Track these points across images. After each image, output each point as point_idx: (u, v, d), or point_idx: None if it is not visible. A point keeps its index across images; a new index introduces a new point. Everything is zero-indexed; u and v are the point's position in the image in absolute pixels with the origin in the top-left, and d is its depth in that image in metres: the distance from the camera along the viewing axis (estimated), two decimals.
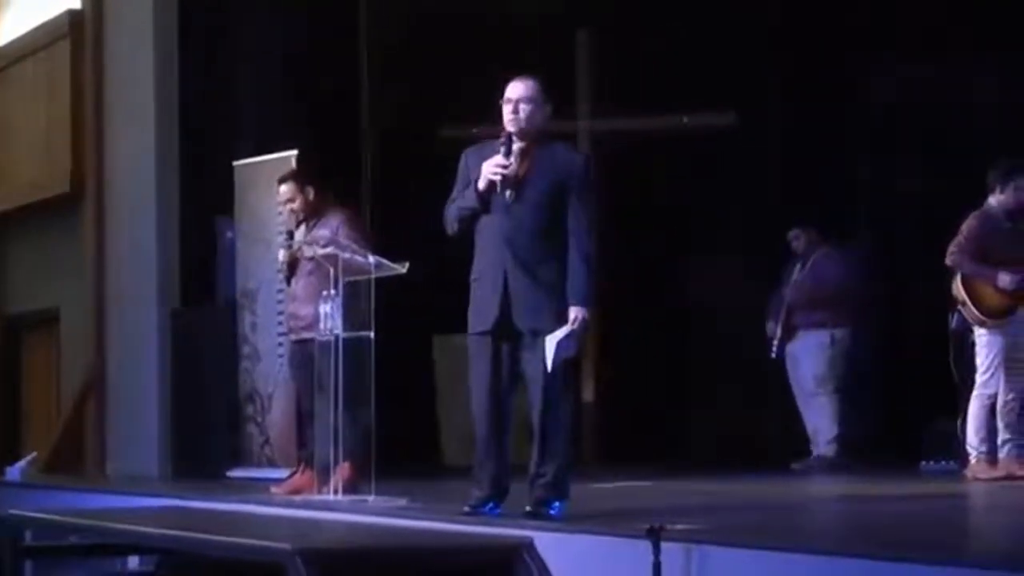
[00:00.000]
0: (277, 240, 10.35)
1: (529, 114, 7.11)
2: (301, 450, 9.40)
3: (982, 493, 9.08)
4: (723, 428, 12.53)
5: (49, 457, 12.16)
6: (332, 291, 8.34)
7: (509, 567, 6.22)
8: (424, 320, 11.92)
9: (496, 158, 7.07)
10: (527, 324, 7.05)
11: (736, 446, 12.20)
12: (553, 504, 7.03)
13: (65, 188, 12.58)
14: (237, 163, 11.22)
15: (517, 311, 7.04)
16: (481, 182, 7.09)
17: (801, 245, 11.66)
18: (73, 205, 12.60)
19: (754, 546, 5.92)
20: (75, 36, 12.53)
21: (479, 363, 7.14)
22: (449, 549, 6.49)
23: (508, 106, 7.13)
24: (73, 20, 12.56)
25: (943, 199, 10.88)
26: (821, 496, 9.47)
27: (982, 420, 9.57)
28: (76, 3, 12.62)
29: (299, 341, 9.19)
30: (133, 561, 8.18)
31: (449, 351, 12.14)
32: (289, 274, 9.32)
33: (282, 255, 9.40)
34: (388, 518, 7.55)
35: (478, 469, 7.21)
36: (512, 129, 7.12)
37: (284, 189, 9.33)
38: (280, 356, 10.64)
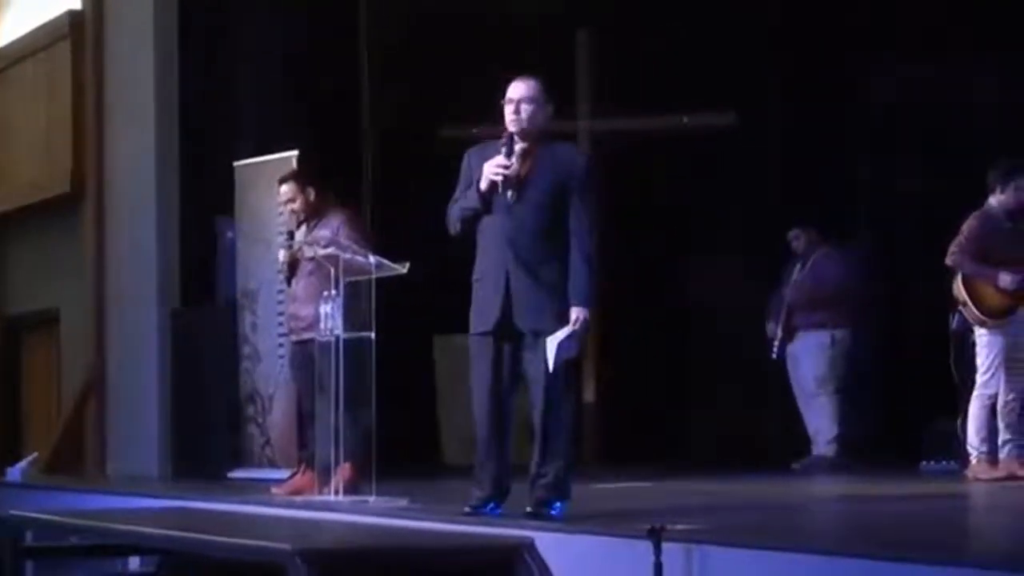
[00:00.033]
0: (277, 240, 10.34)
1: (531, 114, 7.10)
2: (302, 451, 9.40)
3: (983, 493, 9.08)
4: (723, 428, 12.53)
5: (50, 458, 12.16)
6: (333, 291, 8.33)
7: (510, 567, 6.22)
8: (425, 320, 11.93)
9: (498, 158, 7.06)
10: (528, 324, 7.04)
11: (736, 446, 12.20)
12: (554, 504, 7.03)
13: (65, 188, 12.58)
14: (237, 163, 11.21)
15: (518, 311, 7.03)
16: (483, 182, 7.07)
17: (801, 245, 11.65)
18: (73, 205, 12.60)
19: (755, 546, 5.92)
20: (75, 36, 12.53)
21: (480, 363, 7.14)
22: (450, 549, 6.49)
23: (510, 106, 7.12)
24: (73, 21, 12.56)
25: (943, 199, 10.89)
26: (821, 496, 9.47)
27: (983, 420, 9.57)
28: (76, 4, 12.63)
29: (300, 342, 9.18)
30: (134, 562, 8.19)
31: (449, 351, 12.15)
32: (290, 274, 9.32)
33: (282, 255, 9.39)
34: (389, 519, 7.55)
35: (479, 469, 7.21)
36: (514, 129, 7.11)
37: (285, 189, 9.33)
38: (281, 357, 10.64)
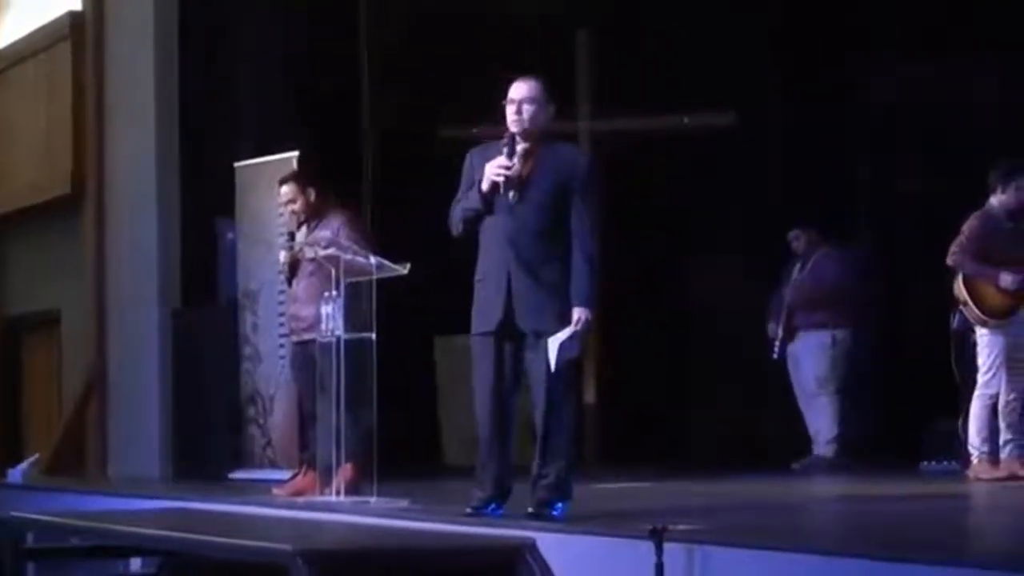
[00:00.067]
0: (278, 241, 10.34)
1: (532, 115, 7.10)
2: (303, 451, 9.39)
3: (983, 493, 9.08)
4: (724, 428, 12.53)
5: (50, 459, 12.15)
6: (333, 292, 8.32)
7: (511, 568, 6.23)
8: (425, 321, 11.93)
9: (499, 159, 7.05)
10: (530, 325, 7.03)
11: (737, 446, 12.20)
12: (555, 505, 7.02)
13: (66, 189, 12.57)
14: (238, 164, 11.21)
15: (520, 312, 7.03)
16: (484, 183, 7.07)
17: (801, 245, 11.65)
18: (73, 206, 12.59)
19: (756, 546, 5.93)
20: (76, 37, 12.54)
21: (482, 364, 7.13)
22: (451, 550, 6.50)
23: (511, 107, 7.11)
24: (74, 21, 12.56)
25: (943, 199, 10.89)
26: (821, 496, 9.47)
27: (984, 420, 9.58)
28: (77, 4, 12.63)
29: (300, 342, 9.18)
30: (135, 563, 8.19)
31: (450, 352, 12.15)
32: (290, 275, 9.31)
33: (283, 256, 9.39)
34: (390, 519, 7.55)
35: (480, 470, 7.21)
36: (515, 130, 7.10)
37: (285, 190, 9.32)
38: (281, 357, 10.64)
